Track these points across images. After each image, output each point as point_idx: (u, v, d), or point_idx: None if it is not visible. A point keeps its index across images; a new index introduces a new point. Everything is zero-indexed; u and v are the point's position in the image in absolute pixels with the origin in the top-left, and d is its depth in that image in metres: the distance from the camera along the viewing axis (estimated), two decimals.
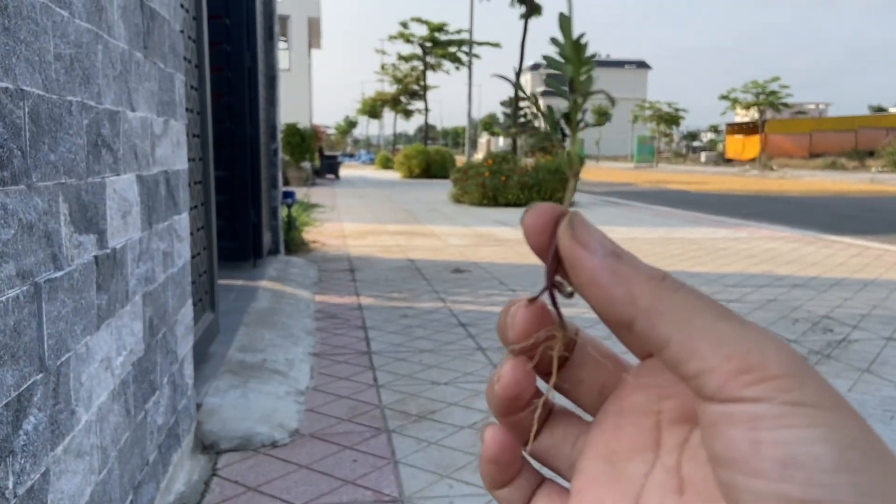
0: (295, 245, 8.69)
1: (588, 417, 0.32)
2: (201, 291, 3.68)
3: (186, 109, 3.03)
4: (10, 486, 1.23)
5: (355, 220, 12.72)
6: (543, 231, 0.28)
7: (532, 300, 0.30)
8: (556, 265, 0.29)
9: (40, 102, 1.35)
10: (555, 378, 0.31)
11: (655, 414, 0.28)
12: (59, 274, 1.45)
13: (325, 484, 2.68)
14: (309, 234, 9.81)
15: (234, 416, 3.20)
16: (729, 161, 62.36)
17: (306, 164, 21.51)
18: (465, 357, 4.38)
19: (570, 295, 0.29)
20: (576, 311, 0.39)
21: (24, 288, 1.29)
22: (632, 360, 0.33)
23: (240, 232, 6.39)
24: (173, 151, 2.53)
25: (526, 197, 15.02)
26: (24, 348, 1.29)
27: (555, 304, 0.30)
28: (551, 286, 0.30)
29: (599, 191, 22.09)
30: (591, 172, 39.15)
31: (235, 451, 2.96)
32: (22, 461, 1.27)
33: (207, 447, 2.96)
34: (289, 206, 8.58)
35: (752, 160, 55.67)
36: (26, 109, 1.29)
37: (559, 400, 0.33)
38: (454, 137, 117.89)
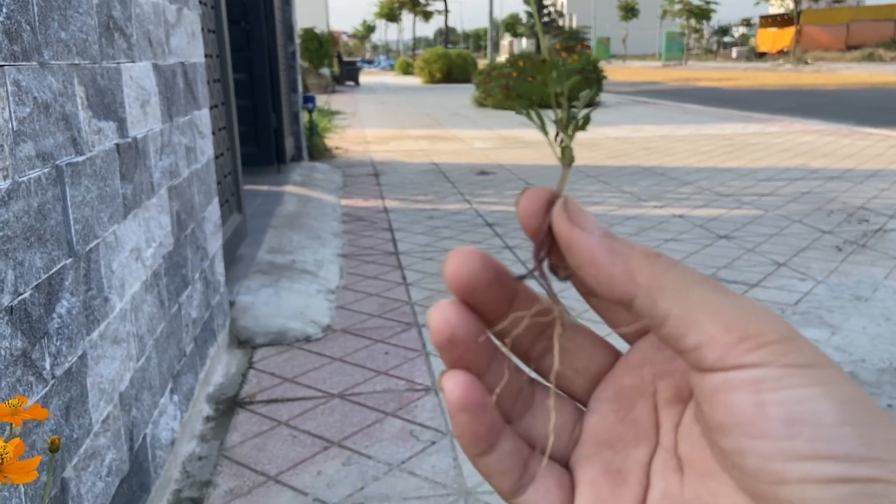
0: (318, 151, 8.62)
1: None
2: (227, 193, 3.66)
3: (199, 2, 2.91)
4: (48, 367, 1.24)
5: (377, 125, 12.55)
6: (537, 214, 0.28)
7: (520, 278, 0.29)
8: (549, 247, 0.28)
9: None
10: (557, 364, 0.29)
11: (651, 395, 0.28)
12: (80, 159, 1.42)
13: (359, 374, 2.73)
14: (331, 141, 9.71)
15: (267, 312, 3.24)
16: (761, 56, 59.99)
17: (325, 71, 21.11)
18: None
19: (566, 278, 0.29)
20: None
21: (46, 170, 1.26)
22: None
23: (262, 137, 6.33)
24: (189, 43, 2.45)
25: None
26: (51, 232, 1.27)
27: (547, 284, 0.29)
28: (540, 265, 0.29)
29: (626, 90, 21.47)
30: (618, 72, 37.96)
31: (270, 345, 3.01)
32: (58, 343, 1.28)
33: (243, 342, 3.02)
34: (310, 112, 8.46)
35: (786, 54, 53.50)
36: None
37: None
38: (475, 40, 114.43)
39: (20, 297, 1.14)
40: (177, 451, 2.05)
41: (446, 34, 46.85)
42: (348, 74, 27.04)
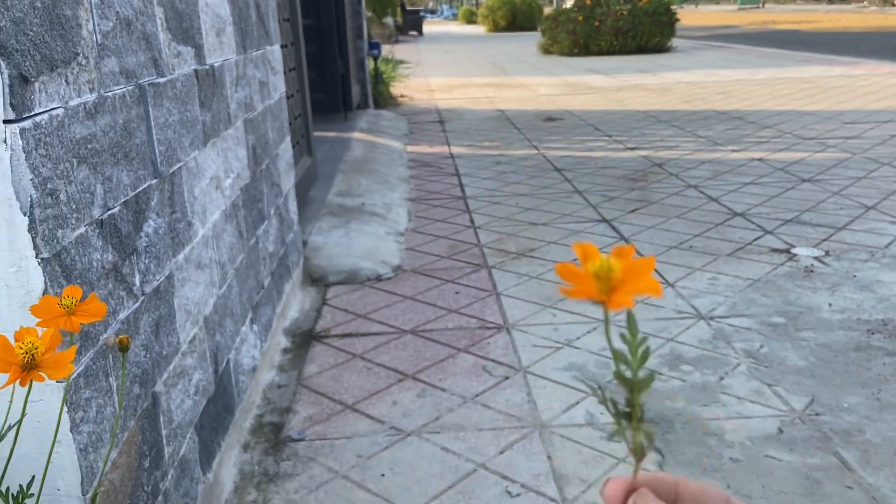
0: (383, 99, 8.59)
1: None
2: (297, 135, 3.68)
3: None
4: (137, 283, 1.27)
5: (441, 74, 12.40)
6: (618, 500, 0.38)
7: None
8: None
9: None
10: None
11: None
12: (161, 80, 1.42)
13: (430, 312, 2.73)
14: (396, 89, 9.66)
15: (339, 252, 3.27)
16: None
17: (389, 21, 20.93)
18: (562, 200, 4.28)
19: None
20: None
21: (129, 88, 1.27)
22: None
23: (329, 83, 6.33)
24: None
25: (620, 43, 14.16)
26: (136, 150, 1.29)
27: None
28: None
29: (699, 35, 20.56)
30: (690, 16, 36.33)
31: (342, 283, 3.05)
32: (146, 261, 1.30)
33: (316, 280, 3.06)
34: (375, 59, 8.40)
35: None
36: None
37: None
38: None
39: (109, 212, 1.16)
40: (258, 378, 2.10)
41: None
42: (411, 24, 26.74)
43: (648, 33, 14.04)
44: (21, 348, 0.63)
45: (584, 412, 1.98)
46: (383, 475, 1.77)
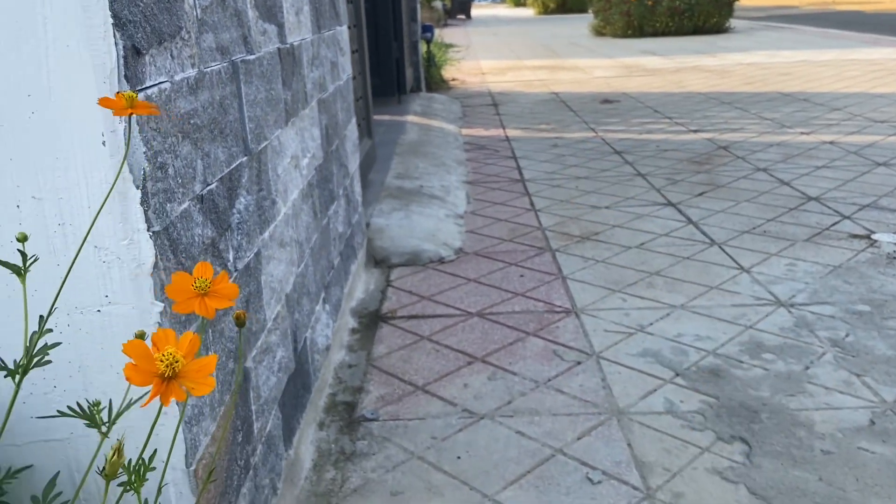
0: (435, 83, 8.55)
1: None
2: (359, 117, 3.68)
3: None
4: (231, 259, 1.27)
5: (492, 57, 12.29)
6: None
7: None
8: None
9: None
10: None
11: None
12: (251, 57, 1.41)
13: (496, 295, 2.71)
14: (447, 73, 9.60)
15: (401, 234, 3.26)
16: None
17: (438, 4, 20.82)
18: (623, 183, 4.20)
19: None
20: None
21: (224, 64, 1.26)
22: None
23: (383, 67, 6.32)
24: None
25: (675, 24, 13.81)
26: (230, 127, 1.28)
27: None
28: None
29: (757, 16, 19.94)
30: None
31: (405, 265, 3.04)
32: (238, 238, 1.31)
33: (379, 262, 3.06)
34: (428, 42, 8.37)
35: None
36: None
37: None
38: None
39: (208, 188, 1.16)
40: (330, 357, 2.11)
41: None
42: (460, 7, 26.55)
43: (706, 14, 13.66)
44: (162, 360, 0.60)
45: (662, 399, 1.94)
46: (459, 457, 1.75)
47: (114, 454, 0.70)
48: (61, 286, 0.86)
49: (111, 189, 0.88)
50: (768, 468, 1.64)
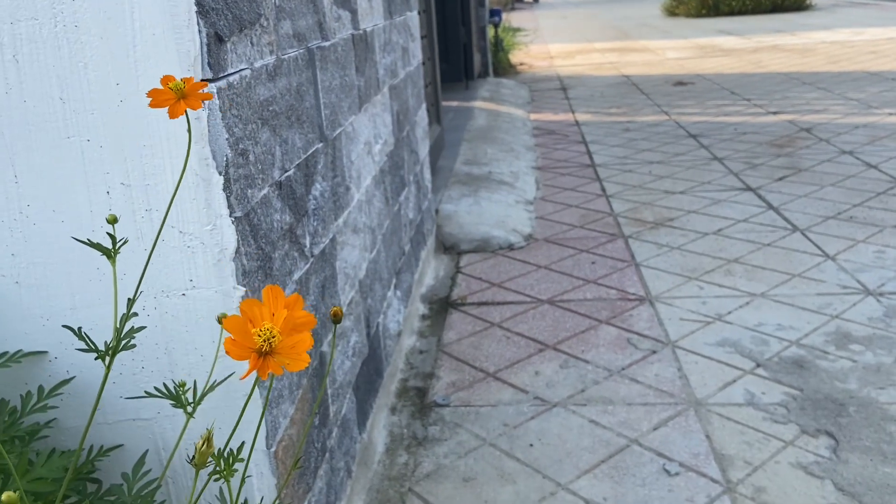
0: (503, 67, 8.48)
1: None
2: (428, 102, 3.67)
3: None
4: (307, 244, 1.28)
5: (560, 40, 12.10)
6: None
7: None
8: None
9: None
10: None
11: None
12: (326, 44, 1.42)
13: (567, 282, 2.67)
14: (515, 57, 9.51)
15: (470, 220, 3.25)
16: None
17: None
18: (699, 167, 4.07)
19: None
20: None
21: (301, 51, 1.27)
22: None
23: (451, 52, 6.30)
24: None
25: (753, 2, 13.29)
26: (307, 114, 1.29)
27: None
28: None
29: None
30: None
31: (474, 252, 3.03)
32: (314, 223, 1.32)
33: (448, 248, 3.06)
34: (495, 26, 8.30)
35: None
36: None
37: None
38: None
39: (286, 174, 1.17)
40: (401, 343, 2.12)
41: None
42: None
43: None
44: (260, 335, 0.60)
45: (742, 391, 1.87)
46: (531, 445, 1.74)
47: (203, 443, 0.72)
48: (144, 269, 0.89)
49: (182, 172, 0.90)
50: (856, 464, 1.57)
